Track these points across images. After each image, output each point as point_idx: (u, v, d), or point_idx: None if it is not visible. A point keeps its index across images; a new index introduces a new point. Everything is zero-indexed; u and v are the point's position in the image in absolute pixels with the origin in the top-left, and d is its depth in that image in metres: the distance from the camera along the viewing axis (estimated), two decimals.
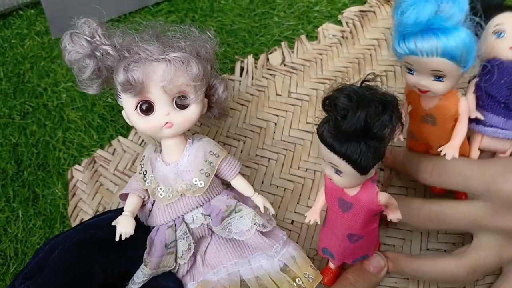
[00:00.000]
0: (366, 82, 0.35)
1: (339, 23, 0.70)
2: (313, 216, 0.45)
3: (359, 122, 0.33)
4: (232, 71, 0.67)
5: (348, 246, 0.44)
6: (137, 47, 0.43)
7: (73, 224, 0.57)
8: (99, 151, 0.62)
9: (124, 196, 0.48)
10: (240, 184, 0.49)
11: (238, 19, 0.72)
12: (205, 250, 0.48)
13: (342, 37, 0.68)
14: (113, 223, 0.43)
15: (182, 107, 0.45)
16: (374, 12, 0.70)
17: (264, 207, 0.48)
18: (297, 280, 0.44)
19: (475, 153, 0.46)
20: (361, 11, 0.70)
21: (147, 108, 0.44)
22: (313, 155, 0.59)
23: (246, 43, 0.70)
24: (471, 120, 0.44)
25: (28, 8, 0.77)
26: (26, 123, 0.66)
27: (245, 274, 0.46)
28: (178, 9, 0.75)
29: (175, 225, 0.46)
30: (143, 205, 0.48)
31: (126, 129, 0.64)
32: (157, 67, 0.43)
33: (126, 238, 0.43)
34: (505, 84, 0.42)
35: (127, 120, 0.47)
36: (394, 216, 0.42)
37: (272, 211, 0.49)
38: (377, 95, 0.34)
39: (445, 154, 0.42)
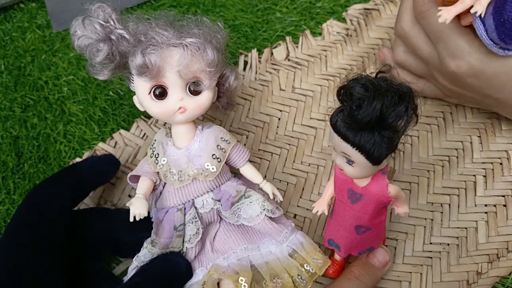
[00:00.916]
0: (381, 74, 0.35)
1: (343, 20, 0.70)
2: (320, 207, 0.45)
3: (375, 112, 0.33)
4: (235, 66, 0.67)
5: (355, 238, 0.44)
6: (153, 32, 0.44)
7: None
8: (101, 144, 0.62)
9: (133, 178, 0.48)
10: (249, 171, 0.50)
11: (241, 14, 0.72)
12: (214, 236, 0.48)
13: (347, 35, 0.68)
14: (127, 204, 0.44)
15: (196, 93, 0.46)
16: (378, 10, 0.70)
17: (273, 194, 0.49)
18: (305, 265, 0.45)
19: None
20: (365, 9, 0.70)
21: (160, 93, 0.45)
22: (316, 150, 0.59)
23: (248, 38, 0.70)
24: None
25: (29, 1, 0.77)
26: (27, 116, 0.65)
27: (255, 259, 0.46)
28: (180, 4, 0.75)
29: (184, 209, 0.47)
30: (154, 189, 0.48)
31: (127, 123, 0.64)
32: (174, 51, 0.43)
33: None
34: None
35: (138, 106, 0.48)
36: (402, 210, 0.42)
37: (280, 197, 0.49)
38: (393, 86, 0.34)
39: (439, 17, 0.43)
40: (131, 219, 0.43)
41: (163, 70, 0.44)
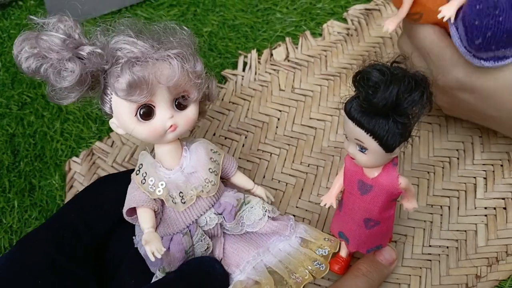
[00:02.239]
0: (396, 63, 0.36)
1: (343, 20, 0.70)
2: (329, 199, 0.44)
3: (391, 96, 0.33)
4: (234, 66, 0.67)
5: (364, 232, 0.44)
6: (129, 45, 0.39)
7: None
8: (98, 143, 0.61)
9: (130, 212, 0.43)
10: (241, 178, 0.49)
11: (241, 14, 0.72)
12: (223, 252, 0.46)
13: (347, 34, 0.68)
14: (142, 243, 0.40)
15: (183, 107, 0.43)
16: (379, 10, 0.70)
17: (266, 196, 0.49)
18: (317, 251, 0.45)
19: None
20: (366, 9, 0.70)
21: (145, 112, 0.41)
22: (316, 150, 0.59)
23: (248, 38, 0.70)
24: None
25: None
26: (23, 114, 0.65)
27: (269, 261, 0.45)
28: (180, 3, 0.74)
29: (190, 231, 0.44)
30: None
31: None
32: (162, 66, 0.39)
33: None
34: None
35: (117, 130, 0.43)
36: (410, 205, 0.42)
37: (272, 198, 0.49)
38: (409, 72, 0.35)
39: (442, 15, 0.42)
40: (153, 259, 0.39)
41: (154, 88, 0.39)
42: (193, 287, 0.41)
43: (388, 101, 0.33)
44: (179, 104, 0.42)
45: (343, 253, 0.48)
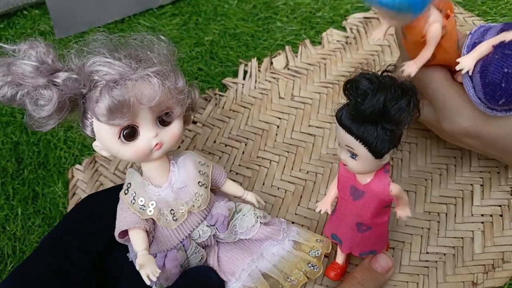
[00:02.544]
0: (386, 72, 0.37)
1: (343, 29, 0.71)
2: (324, 206, 0.45)
3: (378, 104, 0.34)
4: (235, 74, 0.68)
5: (357, 235, 0.44)
6: (106, 67, 0.38)
7: None
8: None
9: (122, 234, 0.43)
10: (231, 186, 0.49)
11: (241, 23, 0.73)
12: (218, 260, 0.47)
13: (346, 43, 0.69)
14: (137, 268, 0.40)
15: (167, 123, 0.42)
16: (378, 19, 0.71)
17: (257, 201, 0.49)
18: (310, 252, 0.45)
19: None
20: (365, 17, 0.71)
21: (128, 133, 0.40)
22: (315, 158, 0.59)
23: (248, 47, 0.71)
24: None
25: (32, 8, 0.78)
26: None
27: (264, 267, 0.45)
28: (182, 12, 0.75)
29: (183, 246, 0.44)
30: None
31: None
32: (142, 86, 0.38)
33: None
34: None
35: (101, 152, 0.43)
36: (403, 213, 0.43)
37: (262, 202, 0.49)
38: (397, 81, 0.36)
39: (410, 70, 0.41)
40: (148, 282, 0.39)
41: (135, 110, 0.39)
42: None
43: (375, 108, 0.34)
44: (163, 120, 0.42)
45: (339, 259, 0.48)
